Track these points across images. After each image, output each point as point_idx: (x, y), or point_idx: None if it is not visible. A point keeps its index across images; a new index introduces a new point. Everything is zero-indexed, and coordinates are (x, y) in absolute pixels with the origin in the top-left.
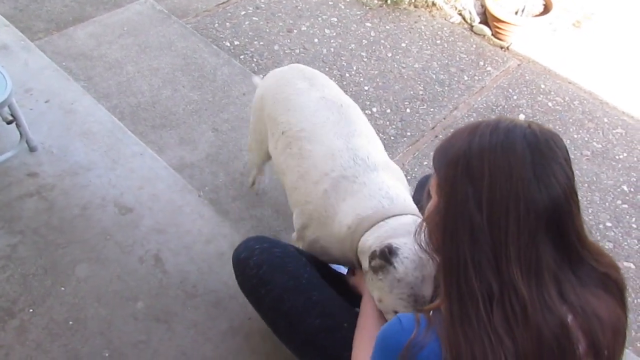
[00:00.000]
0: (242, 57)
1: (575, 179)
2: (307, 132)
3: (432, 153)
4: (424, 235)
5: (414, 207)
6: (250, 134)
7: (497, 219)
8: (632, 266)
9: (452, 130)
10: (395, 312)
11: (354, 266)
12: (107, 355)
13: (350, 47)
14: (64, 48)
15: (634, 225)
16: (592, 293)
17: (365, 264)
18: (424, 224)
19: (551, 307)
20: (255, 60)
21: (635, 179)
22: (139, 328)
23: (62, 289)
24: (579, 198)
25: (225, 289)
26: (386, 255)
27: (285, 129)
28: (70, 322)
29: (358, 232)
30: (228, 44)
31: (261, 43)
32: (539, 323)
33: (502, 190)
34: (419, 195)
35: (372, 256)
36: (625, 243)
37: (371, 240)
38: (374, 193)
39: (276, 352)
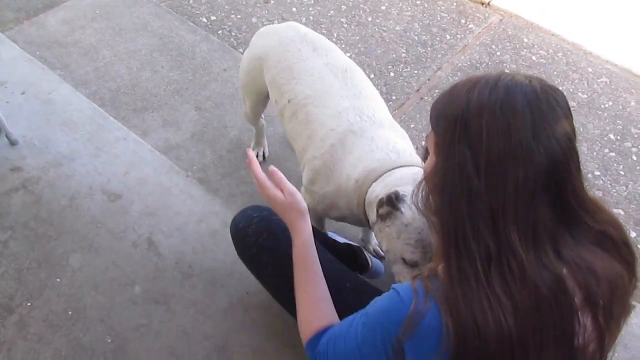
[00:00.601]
0: (220, 32)
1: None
2: (312, 98)
3: (418, 115)
4: (422, 196)
5: (420, 160)
6: (243, 91)
7: (494, 182)
8: (622, 212)
9: (437, 91)
10: (403, 260)
11: (362, 224)
12: (109, 341)
13: (329, 14)
14: (36, 37)
15: (622, 172)
16: (587, 250)
17: (372, 216)
18: (422, 183)
19: (547, 265)
20: (233, 34)
21: (621, 127)
22: (138, 312)
23: (58, 280)
24: None
25: (221, 266)
26: (393, 201)
27: (291, 97)
28: (70, 312)
29: (365, 184)
30: (205, 20)
31: (238, 16)
32: (536, 281)
33: (500, 152)
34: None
35: (380, 204)
36: (614, 190)
37: (378, 190)
38: (381, 147)
39: (276, 323)
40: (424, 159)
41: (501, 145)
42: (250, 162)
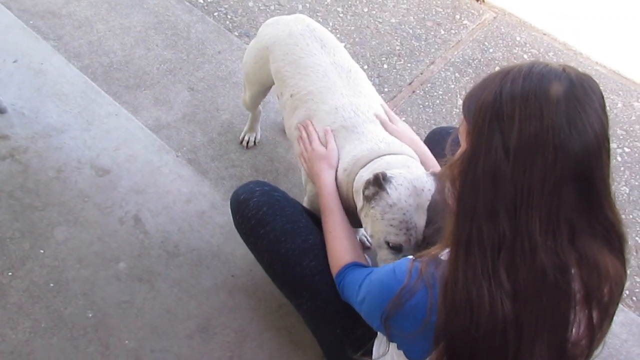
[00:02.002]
0: (215, 14)
1: None
2: (313, 94)
3: (409, 109)
4: (448, 184)
5: (411, 151)
6: (246, 79)
7: (523, 166)
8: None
9: (429, 85)
10: (387, 244)
11: (355, 223)
12: (90, 315)
13: (325, 3)
14: (30, 5)
15: None
16: (597, 245)
17: (359, 202)
18: (447, 170)
19: (559, 252)
20: (229, 17)
21: None
22: (122, 288)
23: (41, 251)
24: None
25: (208, 247)
26: (380, 181)
27: (293, 92)
28: (52, 285)
29: (353, 171)
30: (201, 1)
31: None
32: (545, 265)
33: (531, 137)
34: (428, 147)
35: (366, 185)
36: None
37: (365, 175)
38: (371, 138)
39: (260, 307)
40: (450, 150)
41: (532, 129)
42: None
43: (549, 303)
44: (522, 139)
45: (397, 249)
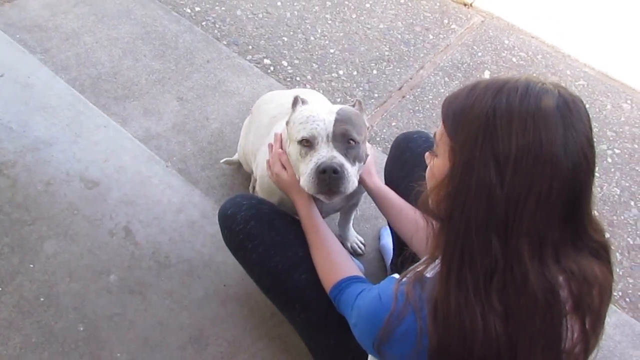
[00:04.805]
0: (204, 23)
1: None
2: (266, 100)
3: (399, 114)
4: (431, 200)
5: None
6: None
7: (517, 193)
8: (596, 213)
9: (419, 90)
10: (300, 144)
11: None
12: (82, 329)
13: (314, 10)
14: (17, 19)
15: (597, 174)
16: (585, 258)
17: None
18: (427, 195)
19: (546, 273)
20: (217, 26)
21: (597, 129)
22: (113, 301)
23: (31, 266)
24: None
25: (199, 257)
26: (296, 101)
27: (253, 111)
28: (42, 299)
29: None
30: (189, 11)
31: (223, 8)
32: (535, 288)
33: (529, 164)
34: (394, 154)
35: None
36: None
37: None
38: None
39: (253, 316)
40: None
41: (531, 157)
42: (276, 139)
43: (541, 324)
44: (518, 166)
45: (310, 146)
